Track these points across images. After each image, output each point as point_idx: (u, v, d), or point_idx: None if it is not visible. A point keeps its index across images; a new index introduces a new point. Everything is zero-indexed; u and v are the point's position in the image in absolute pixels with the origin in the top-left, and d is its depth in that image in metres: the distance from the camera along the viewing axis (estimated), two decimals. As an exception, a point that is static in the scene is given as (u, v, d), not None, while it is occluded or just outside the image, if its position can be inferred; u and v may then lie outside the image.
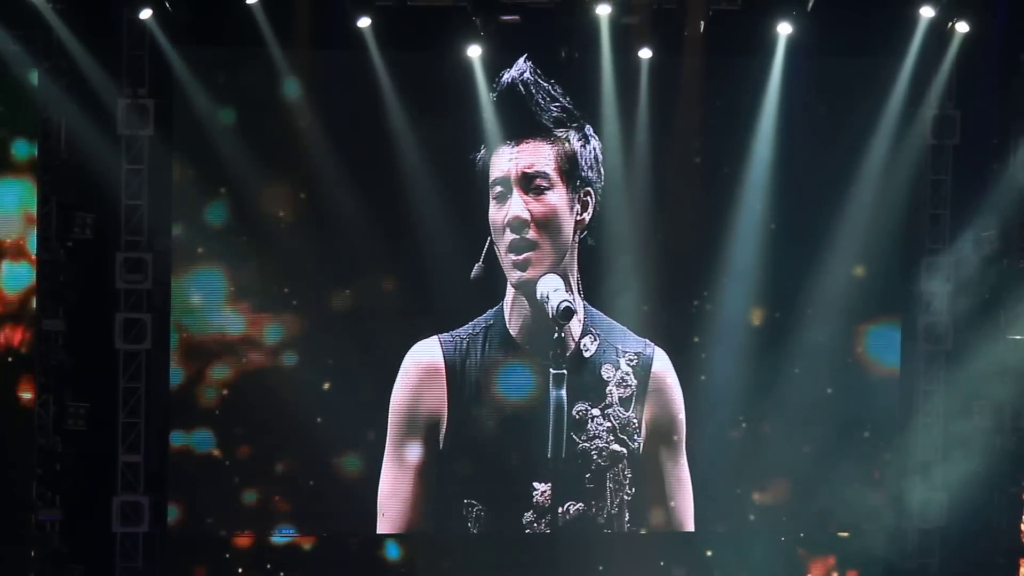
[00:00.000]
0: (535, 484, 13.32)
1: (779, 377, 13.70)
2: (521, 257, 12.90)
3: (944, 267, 13.99)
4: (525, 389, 13.21)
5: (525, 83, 12.91)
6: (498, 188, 12.99)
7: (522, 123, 12.98)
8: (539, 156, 12.93)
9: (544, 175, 12.92)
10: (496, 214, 12.99)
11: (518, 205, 12.89)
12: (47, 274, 13.46)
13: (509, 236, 12.89)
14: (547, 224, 12.95)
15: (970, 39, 13.60)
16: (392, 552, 13.77)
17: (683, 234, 13.61)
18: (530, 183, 12.93)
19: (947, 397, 14.00)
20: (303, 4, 13.34)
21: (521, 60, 12.97)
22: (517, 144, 12.97)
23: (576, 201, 13.03)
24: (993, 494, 14.08)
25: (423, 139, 13.39)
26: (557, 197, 12.95)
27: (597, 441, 13.23)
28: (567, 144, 12.99)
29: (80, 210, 13.54)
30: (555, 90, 12.97)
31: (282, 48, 13.35)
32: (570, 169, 13.00)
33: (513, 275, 12.97)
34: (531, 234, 12.89)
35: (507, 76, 12.98)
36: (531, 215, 12.89)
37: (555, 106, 12.94)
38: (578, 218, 13.07)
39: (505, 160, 12.98)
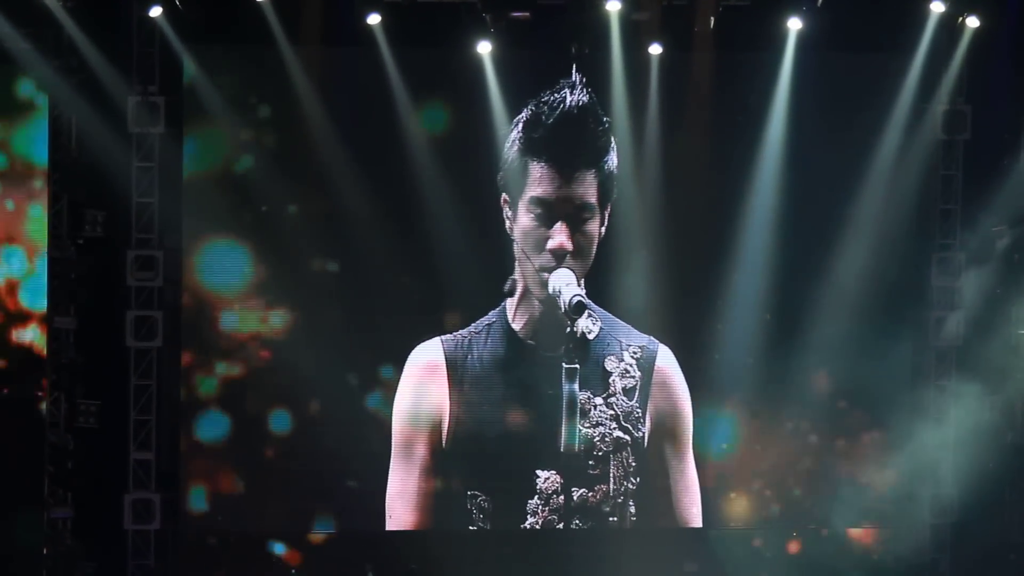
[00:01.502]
0: (538, 472, 13.33)
1: (791, 373, 13.71)
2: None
3: (955, 262, 13.98)
4: (527, 383, 13.21)
5: (583, 108, 12.88)
6: (539, 209, 12.96)
7: (578, 151, 12.97)
8: (587, 187, 13.02)
9: (589, 207, 13.01)
10: (534, 231, 12.98)
11: (563, 235, 12.95)
12: (58, 271, 13.46)
13: (547, 258, 12.90)
14: (584, 251, 13.01)
15: (981, 34, 13.58)
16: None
17: (694, 230, 13.60)
18: (577, 215, 12.98)
19: (958, 392, 13.97)
20: (313, 1, 13.32)
21: (576, 77, 12.92)
22: (567, 171, 12.93)
23: (603, 217, 13.09)
24: (1004, 489, 14.10)
25: (432, 136, 13.39)
26: (595, 224, 13.03)
27: (601, 428, 13.25)
28: (606, 169, 13.03)
29: (91, 208, 13.54)
30: (595, 100, 12.93)
31: (292, 45, 13.33)
32: (606, 193, 13.04)
33: (543, 292, 12.96)
34: (569, 260, 12.94)
35: (572, 97, 12.90)
36: (574, 245, 12.93)
37: (601, 130, 12.95)
38: (599, 237, 13.13)
39: (552, 183, 12.95)
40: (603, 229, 13.15)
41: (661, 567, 13.77)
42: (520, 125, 13.13)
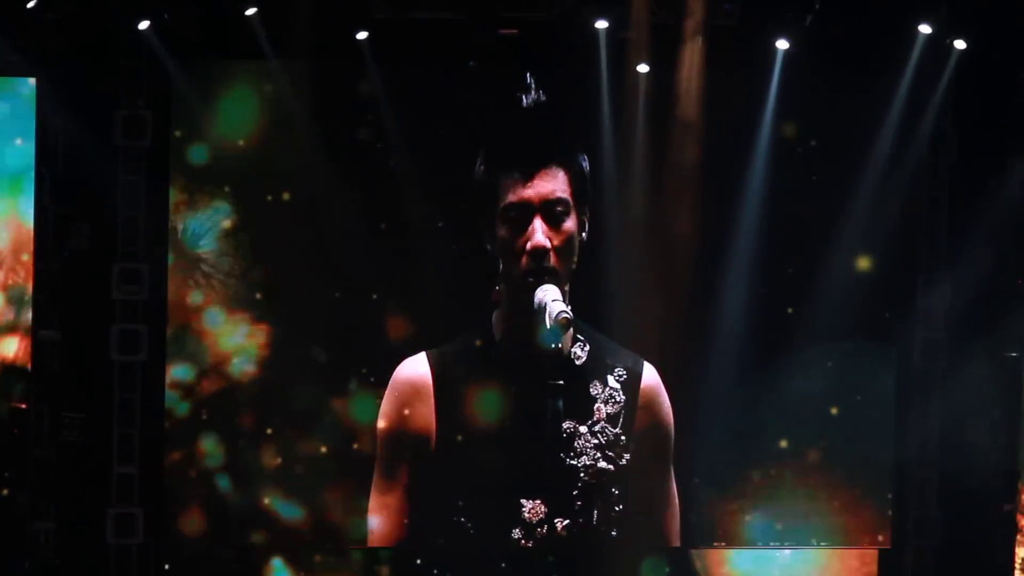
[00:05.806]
0: (523, 501, 13.25)
1: (775, 393, 13.71)
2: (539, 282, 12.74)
3: (940, 284, 14.00)
4: (514, 405, 13.12)
5: (539, 105, 12.79)
6: (513, 213, 12.84)
7: (541, 147, 12.86)
8: (558, 182, 12.63)
9: (564, 202, 12.63)
10: (512, 239, 12.81)
11: (540, 234, 12.66)
12: (43, 284, 13.47)
13: (528, 263, 12.77)
14: (565, 250, 12.72)
15: (968, 57, 13.61)
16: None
17: (679, 247, 13.62)
18: (551, 210, 12.66)
19: (942, 414, 13.98)
20: (301, 17, 13.35)
21: (531, 80, 12.85)
22: (535, 169, 12.83)
23: (579, 223, 13.00)
24: (988, 512, 14.10)
25: (420, 152, 13.40)
26: (571, 222, 12.75)
27: (584, 459, 13.12)
28: (576, 167, 12.92)
29: (77, 220, 13.58)
30: (549, 101, 12.91)
31: (280, 60, 13.39)
32: (581, 192, 12.92)
33: (529, 309, 12.79)
34: (551, 261, 12.73)
35: (527, 99, 12.83)
36: (551, 243, 12.77)
37: (563, 126, 12.87)
38: (579, 238, 13.04)
39: (522, 186, 12.83)
40: (584, 235, 13.02)
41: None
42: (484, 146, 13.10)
